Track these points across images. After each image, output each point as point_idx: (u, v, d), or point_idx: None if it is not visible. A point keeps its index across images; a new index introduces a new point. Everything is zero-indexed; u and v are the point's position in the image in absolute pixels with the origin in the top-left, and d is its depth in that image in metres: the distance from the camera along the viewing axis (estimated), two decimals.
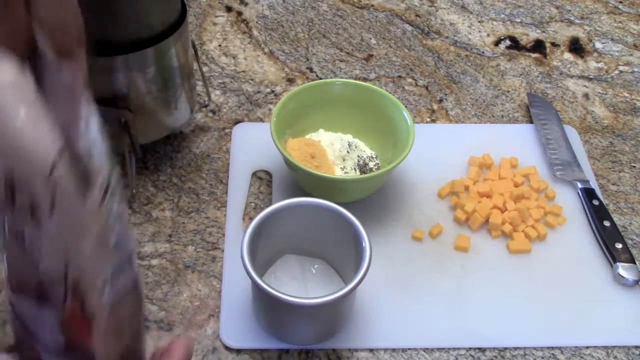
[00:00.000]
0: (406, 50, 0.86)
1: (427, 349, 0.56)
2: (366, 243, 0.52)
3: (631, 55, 0.88)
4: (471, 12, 0.93)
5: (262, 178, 0.68)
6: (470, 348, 0.56)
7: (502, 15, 0.93)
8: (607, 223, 0.64)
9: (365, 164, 0.66)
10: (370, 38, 0.87)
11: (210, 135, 0.73)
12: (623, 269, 0.61)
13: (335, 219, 0.54)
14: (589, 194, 0.67)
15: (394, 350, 0.56)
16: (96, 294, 0.32)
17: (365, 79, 0.81)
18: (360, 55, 0.85)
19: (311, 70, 0.82)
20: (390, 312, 0.58)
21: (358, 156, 0.66)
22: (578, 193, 0.68)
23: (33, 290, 0.32)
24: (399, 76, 0.82)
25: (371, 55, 0.85)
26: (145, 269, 0.60)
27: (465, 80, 0.82)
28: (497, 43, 0.88)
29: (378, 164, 0.67)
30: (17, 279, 0.33)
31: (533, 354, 0.56)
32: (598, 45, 0.89)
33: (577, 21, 0.92)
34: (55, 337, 0.34)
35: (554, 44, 0.88)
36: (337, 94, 0.68)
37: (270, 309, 0.53)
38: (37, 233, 0.30)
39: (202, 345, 0.55)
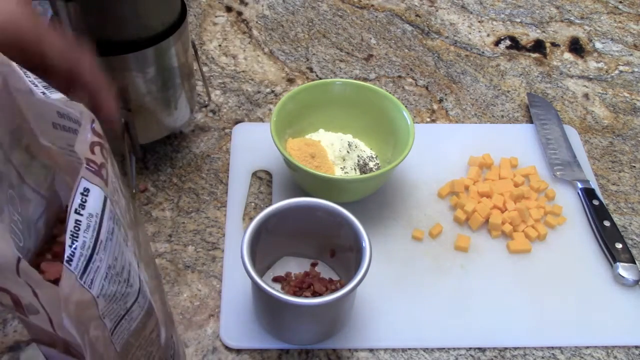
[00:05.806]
0: (406, 50, 0.86)
1: (427, 349, 0.56)
2: (366, 243, 0.52)
3: (631, 55, 0.88)
4: (471, 12, 0.93)
5: (262, 178, 0.68)
6: (470, 348, 0.56)
7: (502, 15, 0.93)
8: (607, 223, 0.64)
9: (365, 164, 0.66)
10: (370, 38, 0.87)
11: (210, 135, 0.73)
12: (623, 269, 0.61)
13: (335, 219, 0.54)
14: (589, 194, 0.67)
15: (394, 350, 0.56)
16: None
17: (365, 79, 0.81)
18: (360, 55, 0.85)
19: (311, 70, 0.82)
20: (390, 312, 0.58)
21: (358, 156, 0.66)
22: (578, 193, 0.68)
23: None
24: (399, 76, 0.82)
25: (371, 55, 0.85)
26: None
27: (465, 80, 0.82)
28: (497, 43, 0.88)
29: (378, 164, 0.67)
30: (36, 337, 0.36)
31: (533, 354, 0.56)
32: (598, 45, 0.89)
33: (577, 21, 0.92)
34: None
35: (554, 44, 0.88)
36: (337, 94, 0.68)
37: (270, 309, 0.53)
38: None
39: (202, 345, 0.55)
